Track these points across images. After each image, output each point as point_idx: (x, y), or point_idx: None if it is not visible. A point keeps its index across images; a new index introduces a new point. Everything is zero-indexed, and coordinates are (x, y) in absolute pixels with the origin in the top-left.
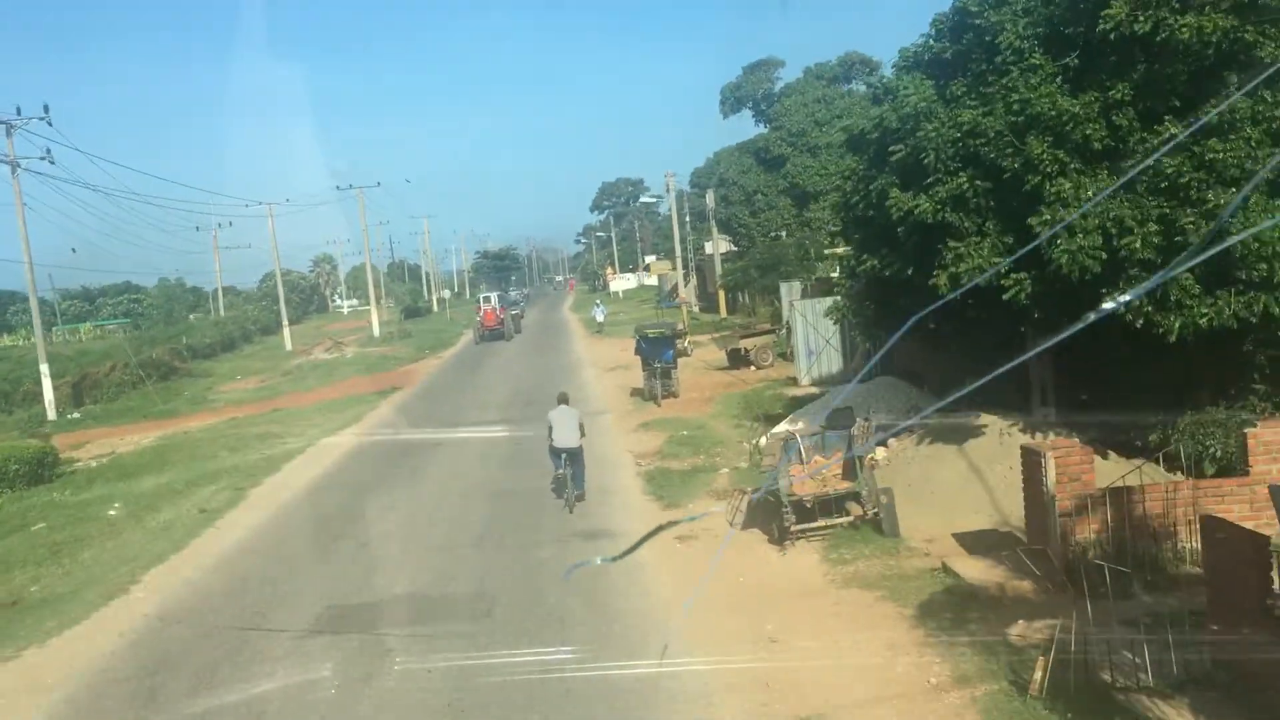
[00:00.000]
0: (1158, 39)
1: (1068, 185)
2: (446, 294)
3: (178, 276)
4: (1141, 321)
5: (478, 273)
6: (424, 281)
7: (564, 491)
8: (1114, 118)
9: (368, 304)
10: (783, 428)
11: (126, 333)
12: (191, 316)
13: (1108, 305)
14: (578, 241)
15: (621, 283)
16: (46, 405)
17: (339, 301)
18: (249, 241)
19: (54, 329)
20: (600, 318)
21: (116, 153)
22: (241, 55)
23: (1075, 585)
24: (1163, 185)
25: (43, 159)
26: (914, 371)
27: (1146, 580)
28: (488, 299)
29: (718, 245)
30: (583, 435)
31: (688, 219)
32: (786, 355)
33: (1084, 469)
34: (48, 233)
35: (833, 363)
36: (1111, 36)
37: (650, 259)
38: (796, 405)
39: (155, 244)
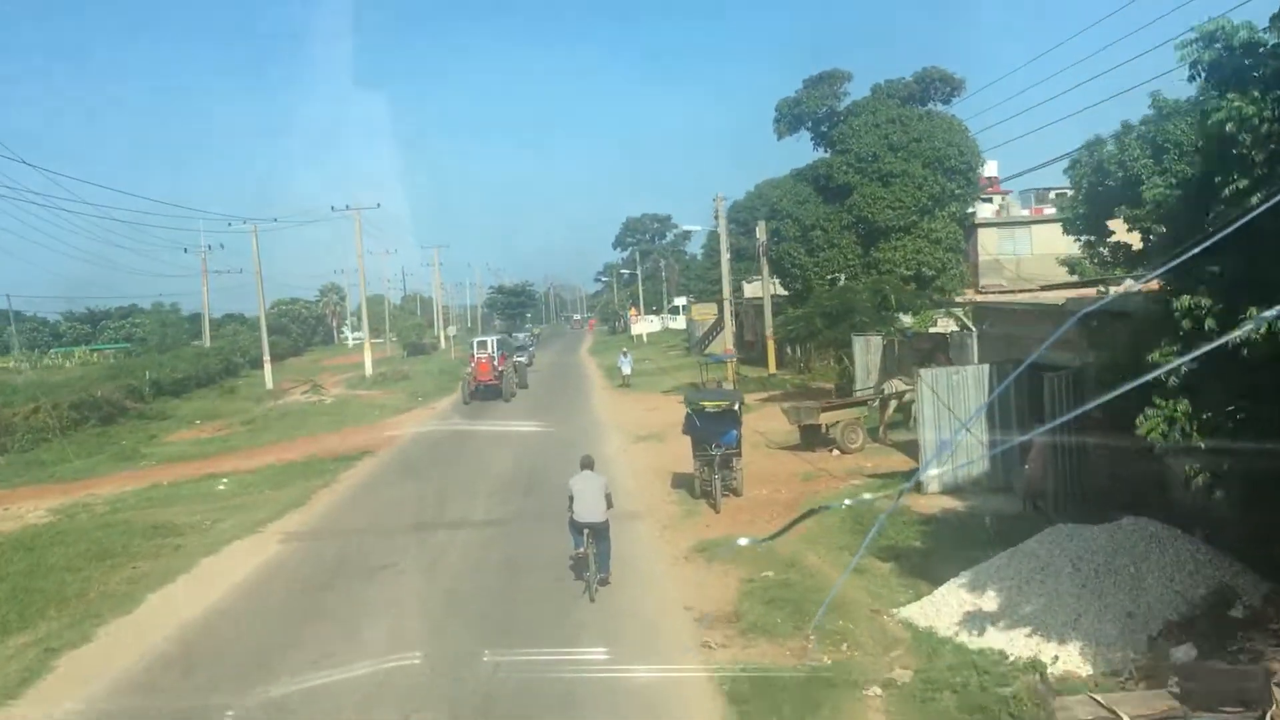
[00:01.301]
0: None
1: None
2: (452, 331)
3: (172, 302)
4: None
5: (491, 308)
6: (437, 314)
7: (584, 573)
8: None
9: (375, 337)
10: (957, 599)
11: (115, 358)
12: (195, 344)
13: None
14: (598, 279)
15: (645, 325)
16: None
17: (348, 333)
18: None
19: (51, 351)
20: (627, 369)
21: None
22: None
23: None
24: None
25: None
26: (1167, 502)
27: None
28: (482, 344)
29: (768, 287)
30: (609, 506)
31: (726, 262)
32: (880, 436)
33: None
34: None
35: (974, 460)
36: None
37: (679, 300)
38: (942, 539)
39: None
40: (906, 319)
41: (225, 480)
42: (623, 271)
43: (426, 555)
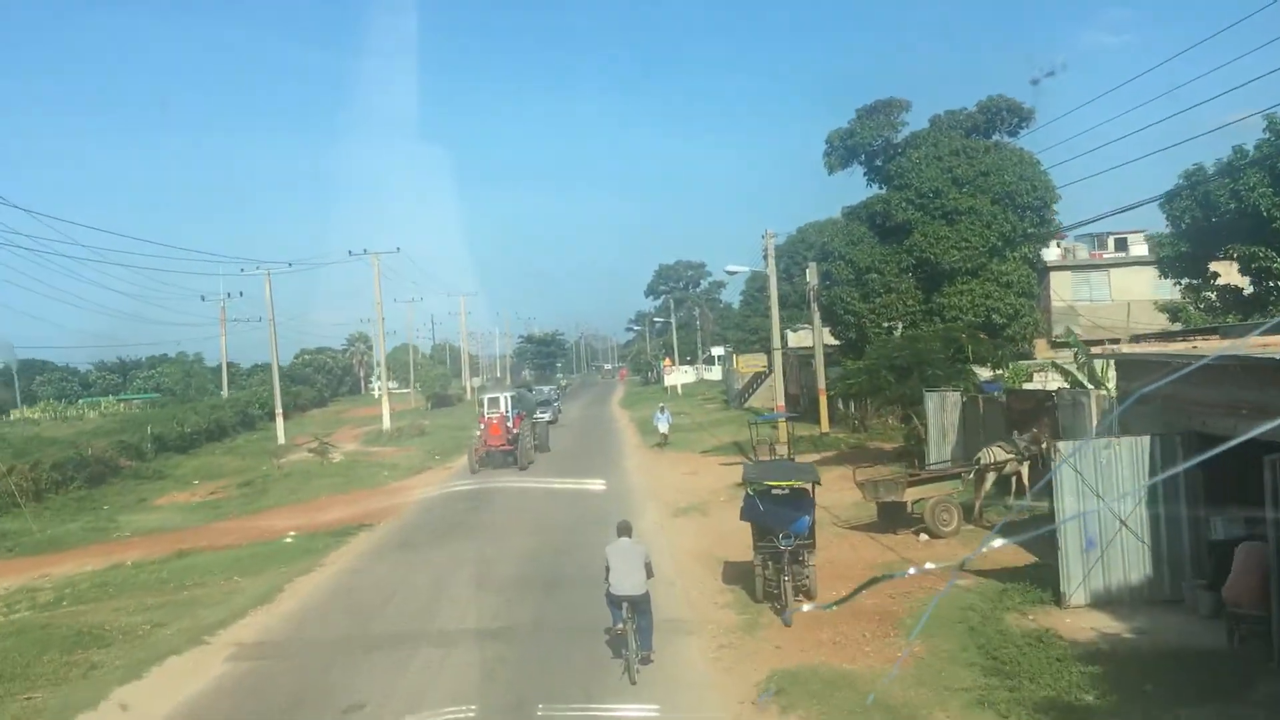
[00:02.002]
0: None
1: None
2: (476, 382)
3: (196, 352)
4: None
5: (520, 358)
6: (463, 365)
7: (623, 650)
8: None
9: (403, 387)
10: None
11: (141, 409)
12: (224, 394)
13: None
14: (629, 328)
15: (679, 376)
16: None
17: (376, 383)
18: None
19: (80, 402)
20: (664, 427)
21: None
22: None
23: None
24: None
25: None
26: None
27: None
28: (493, 402)
29: (820, 336)
30: (650, 576)
31: (777, 306)
32: (975, 517)
33: None
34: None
35: (1132, 563)
36: None
37: (717, 350)
38: (1124, 687)
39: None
40: (983, 372)
41: (197, 557)
42: (656, 320)
43: (408, 687)
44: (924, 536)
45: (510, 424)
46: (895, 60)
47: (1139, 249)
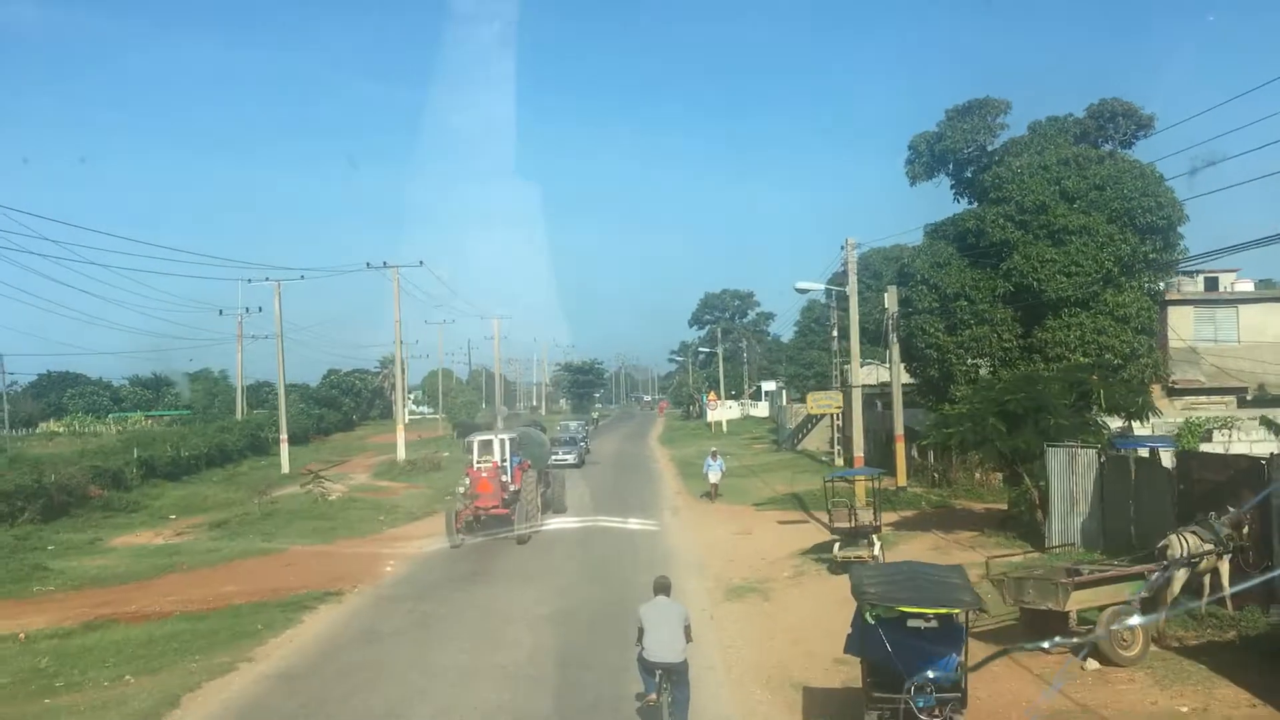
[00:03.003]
0: None
1: None
2: (504, 410)
3: (221, 368)
4: None
5: (558, 387)
6: (496, 391)
7: None
8: None
9: (437, 412)
10: None
11: (168, 425)
12: (256, 412)
13: None
14: (671, 359)
15: (724, 412)
16: None
17: (412, 406)
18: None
19: (110, 417)
20: (715, 476)
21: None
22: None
23: None
24: None
25: None
26: None
27: None
28: (485, 446)
29: (898, 372)
30: (688, 640)
31: (835, 336)
32: (1159, 633)
33: None
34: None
35: None
36: None
37: (768, 385)
38: None
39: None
40: (1113, 423)
41: (108, 632)
42: (701, 349)
43: None
44: (1091, 663)
45: (509, 477)
46: (983, 58)
47: (1244, 286)
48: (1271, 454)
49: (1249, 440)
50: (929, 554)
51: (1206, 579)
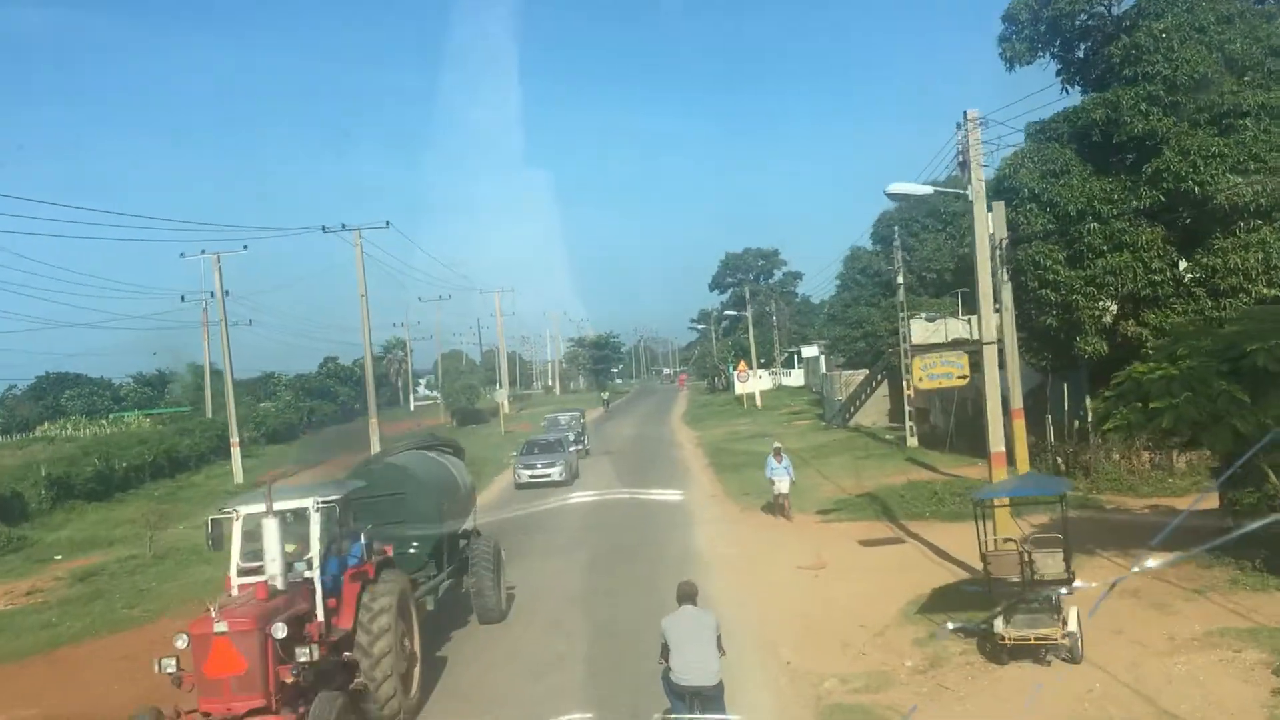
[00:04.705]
0: None
1: None
2: (502, 395)
3: (211, 361)
4: None
5: (572, 364)
6: (512, 371)
7: None
8: None
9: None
10: None
11: (161, 424)
12: (263, 405)
13: None
14: (691, 327)
15: (755, 383)
16: None
17: (421, 391)
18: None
19: (109, 416)
20: (785, 484)
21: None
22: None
23: None
24: None
25: None
26: None
27: None
28: (251, 535)
29: (1010, 323)
30: (722, 654)
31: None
32: None
33: None
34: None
35: None
36: None
37: (810, 350)
38: None
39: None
40: None
41: None
42: (727, 313)
43: None
44: None
45: (317, 608)
46: None
47: None
48: None
49: None
50: (1146, 622)
51: None
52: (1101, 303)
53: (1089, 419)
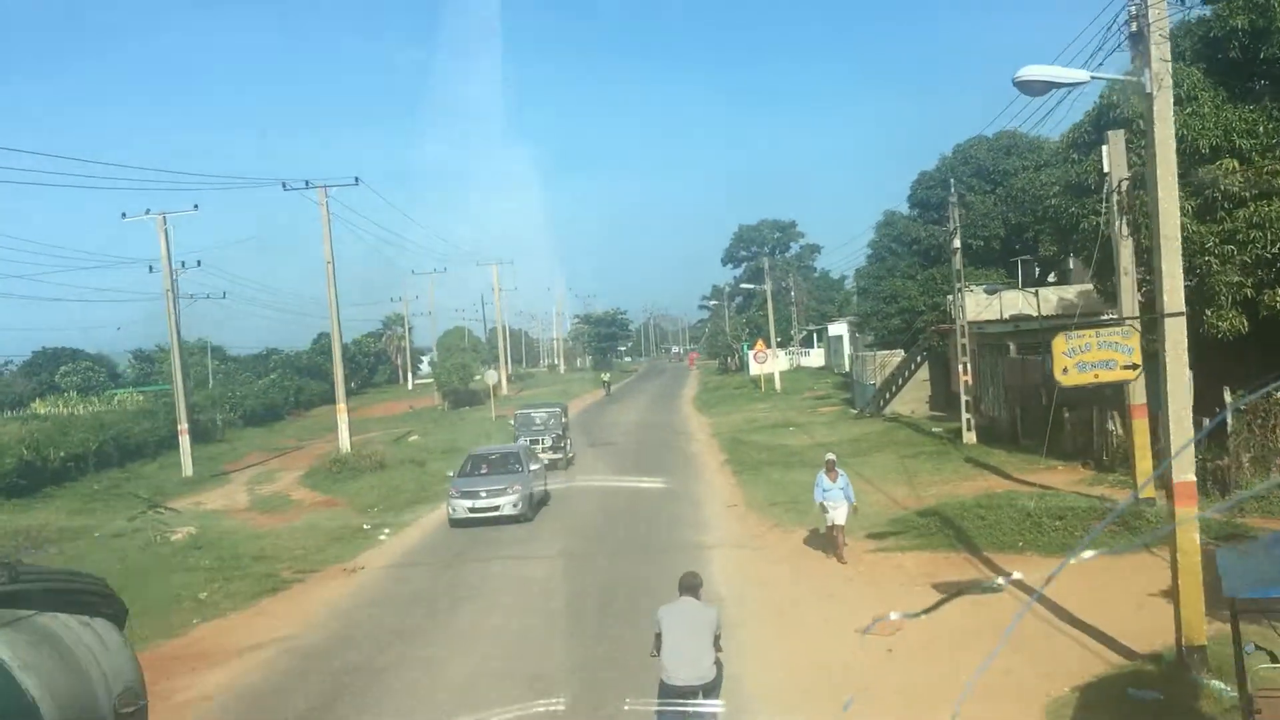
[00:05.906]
0: None
1: None
2: (492, 377)
3: (199, 337)
4: None
5: (578, 341)
6: (517, 350)
7: None
8: None
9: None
10: None
11: (154, 401)
12: (260, 383)
13: None
14: (703, 305)
15: (773, 363)
16: None
17: (424, 370)
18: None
19: (105, 393)
20: (842, 515)
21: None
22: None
23: None
24: None
25: None
26: None
27: None
28: None
29: (1131, 288)
30: (719, 649)
31: (957, 245)
32: None
33: None
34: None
35: None
36: None
37: (837, 328)
38: None
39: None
40: None
41: None
42: (743, 287)
43: None
44: None
45: None
46: None
47: None
48: None
49: None
50: None
51: None
52: (1244, 264)
53: (1227, 417)
